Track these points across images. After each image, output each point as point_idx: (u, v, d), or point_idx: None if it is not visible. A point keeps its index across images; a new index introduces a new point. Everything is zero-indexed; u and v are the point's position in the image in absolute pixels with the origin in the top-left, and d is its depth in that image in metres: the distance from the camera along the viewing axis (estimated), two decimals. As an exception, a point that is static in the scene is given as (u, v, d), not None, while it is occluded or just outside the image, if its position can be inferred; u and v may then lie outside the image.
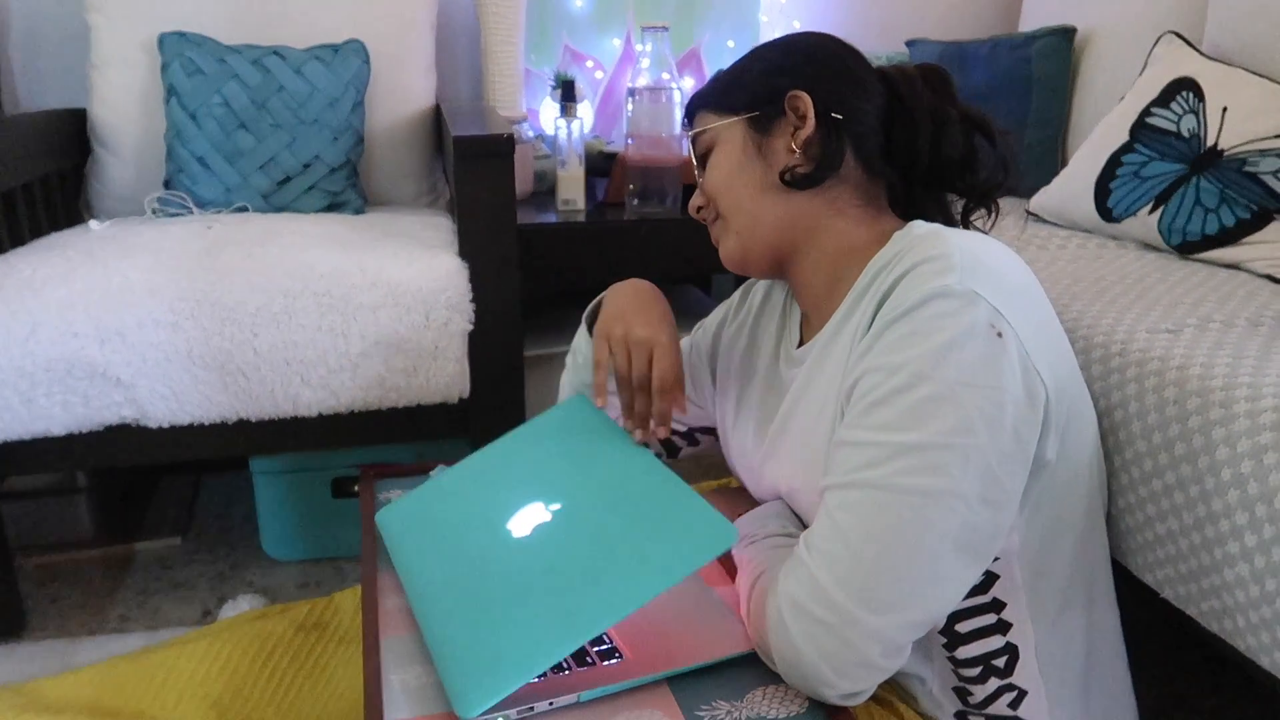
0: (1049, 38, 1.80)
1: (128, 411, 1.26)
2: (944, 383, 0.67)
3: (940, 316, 0.69)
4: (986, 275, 0.70)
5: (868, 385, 0.71)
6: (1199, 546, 0.84)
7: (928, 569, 0.68)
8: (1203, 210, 1.27)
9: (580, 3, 2.07)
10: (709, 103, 0.90)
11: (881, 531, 0.67)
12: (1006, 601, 0.77)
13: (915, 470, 0.67)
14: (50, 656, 1.31)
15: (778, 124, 0.84)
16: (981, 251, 0.73)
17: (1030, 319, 0.72)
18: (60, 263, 1.28)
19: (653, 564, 0.75)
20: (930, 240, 0.74)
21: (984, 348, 0.68)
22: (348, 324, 1.29)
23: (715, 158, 0.88)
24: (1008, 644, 0.79)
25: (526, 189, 1.83)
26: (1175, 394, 0.88)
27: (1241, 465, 0.80)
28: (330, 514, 1.58)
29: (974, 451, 0.67)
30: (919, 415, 0.68)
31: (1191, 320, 1.02)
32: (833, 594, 0.67)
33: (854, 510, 0.69)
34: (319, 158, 1.60)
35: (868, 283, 0.78)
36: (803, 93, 0.83)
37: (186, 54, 1.58)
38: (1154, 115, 1.38)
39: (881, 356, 0.71)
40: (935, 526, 0.67)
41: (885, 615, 0.67)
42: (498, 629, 0.74)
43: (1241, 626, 0.80)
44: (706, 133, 0.89)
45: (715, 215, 0.90)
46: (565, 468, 0.92)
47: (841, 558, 0.68)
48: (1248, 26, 1.42)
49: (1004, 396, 0.68)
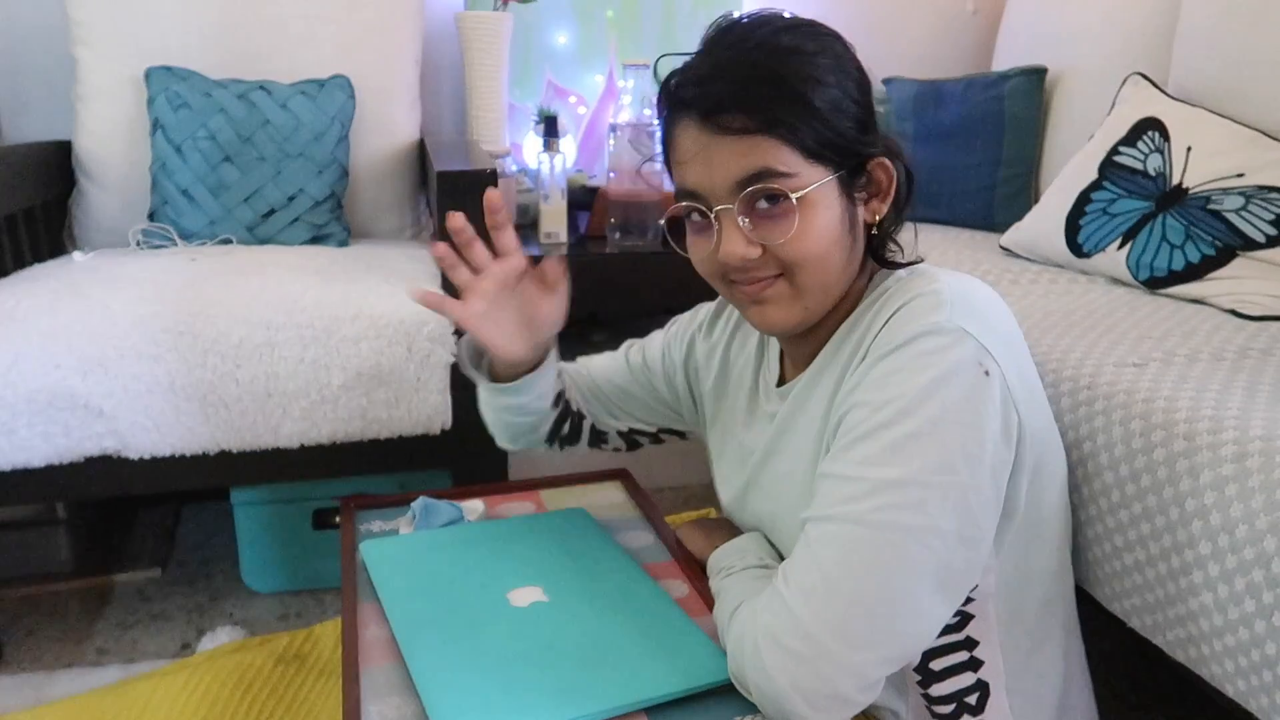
0: (1021, 77, 1.85)
1: (109, 443, 1.26)
2: (927, 420, 0.68)
3: (928, 353, 0.69)
4: (975, 314, 0.71)
5: (854, 420, 0.72)
6: (1165, 576, 0.86)
7: (904, 605, 0.68)
8: (1169, 246, 1.31)
9: (564, 39, 2.11)
10: (790, 133, 0.71)
11: (859, 567, 0.67)
12: (979, 640, 0.79)
13: (895, 507, 0.67)
14: (26, 689, 1.30)
15: (857, 190, 0.76)
16: (971, 292, 0.74)
17: (1013, 361, 0.73)
18: (44, 294, 1.28)
19: (649, 673, 0.77)
20: (920, 280, 0.74)
21: (969, 385, 0.69)
22: (330, 356, 1.30)
23: (809, 220, 0.72)
24: (979, 681, 0.80)
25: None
26: (1141, 426, 0.91)
27: (1205, 496, 0.82)
28: (311, 545, 1.58)
29: (953, 489, 0.68)
30: (901, 451, 0.68)
31: (1157, 354, 1.04)
32: (809, 627, 0.67)
33: (833, 544, 0.69)
34: (303, 191, 1.62)
35: (853, 322, 0.78)
36: (889, 163, 0.76)
37: (173, 88, 1.60)
38: (1121, 154, 1.42)
39: (869, 392, 0.71)
40: (913, 563, 0.67)
41: (860, 650, 0.67)
42: (493, 679, 0.76)
43: (1206, 654, 0.82)
44: (799, 180, 0.71)
45: (775, 277, 0.76)
46: (567, 564, 0.95)
47: (818, 591, 0.68)
48: (1210, 69, 1.46)
49: (984, 435, 0.69)
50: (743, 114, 0.70)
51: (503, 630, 0.83)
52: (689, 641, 0.82)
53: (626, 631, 0.83)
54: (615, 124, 1.66)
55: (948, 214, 1.93)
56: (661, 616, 0.86)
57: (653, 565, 1.00)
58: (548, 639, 0.82)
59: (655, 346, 1.07)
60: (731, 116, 0.71)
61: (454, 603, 0.88)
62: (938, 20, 2.37)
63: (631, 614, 0.86)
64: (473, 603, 0.88)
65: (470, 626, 0.83)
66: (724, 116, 0.71)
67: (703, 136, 0.73)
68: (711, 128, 0.72)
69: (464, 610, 0.86)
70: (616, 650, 0.80)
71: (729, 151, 0.72)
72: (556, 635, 0.82)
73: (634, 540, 1.08)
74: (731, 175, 0.72)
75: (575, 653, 0.80)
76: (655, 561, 1.02)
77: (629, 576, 0.93)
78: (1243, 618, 0.77)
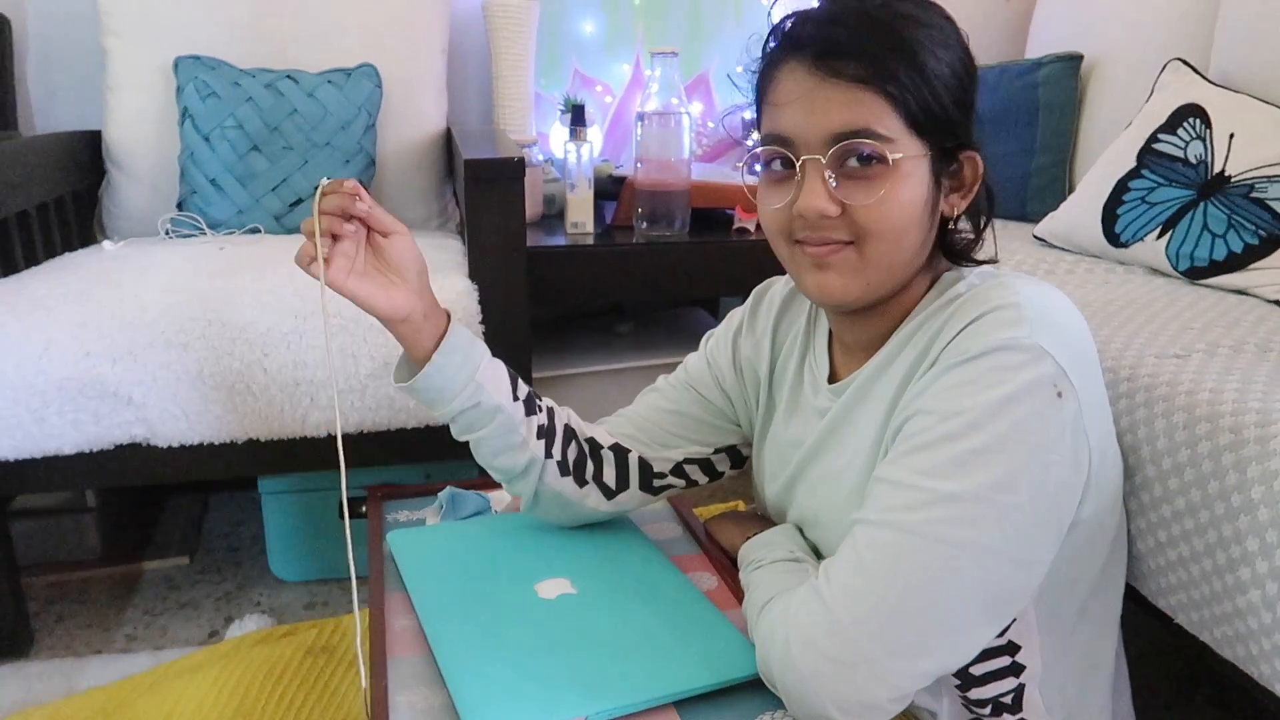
0: (1056, 64, 1.82)
1: (138, 431, 1.27)
2: (995, 436, 0.66)
3: (1003, 369, 0.67)
4: (1056, 332, 0.68)
5: (917, 426, 0.69)
6: (1211, 572, 0.83)
7: (948, 620, 0.66)
8: (1210, 236, 1.28)
9: (590, 28, 2.09)
10: (898, 94, 0.69)
11: (906, 576, 0.66)
12: (1021, 645, 0.77)
13: (950, 521, 0.65)
14: (56, 676, 1.30)
15: (945, 176, 0.75)
16: (1052, 306, 0.71)
17: (1089, 381, 0.70)
18: (74, 282, 1.29)
19: (678, 666, 0.77)
20: (1000, 289, 0.71)
21: (1042, 406, 0.66)
22: (357, 345, 1.29)
23: (895, 189, 0.71)
24: (1019, 685, 0.78)
25: (536, 212, 1.84)
26: (1184, 419, 0.88)
27: (1252, 491, 0.79)
28: (338, 535, 1.58)
29: (1012, 510, 0.66)
30: (964, 466, 0.66)
31: (1200, 345, 1.02)
32: (849, 631, 0.66)
33: (881, 551, 0.67)
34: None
35: (919, 323, 0.76)
36: (979, 158, 0.75)
37: (201, 77, 1.60)
38: (1161, 141, 1.38)
39: (936, 400, 0.69)
40: (962, 579, 0.66)
41: (898, 660, 0.66)
42: (521, 671, 0.75)
43: (1255, 653, 0.79)
44: (897, 147, 0.70)
45: (845, 244, 0.74)
46: (595, 556, 0.95)
47: (862, 595, 0.66)
48: (1254, 54, 1.42)
49: (1051, 458, 0.67)
50: (858, 63, 0.69)
51: (530, 622, 0.82)
52: (718, 635, 0.81)
53: (655, 624, 0.82)
54: (642, 113, 1.64)
55: (980, 204, 1.90)
56: (690, 609, 0.85)
57: (681, 558, 0.99)
58: (575, 631, 0.81)
59: (696, 360, 1.01)
60: (845, 63, 0.69)
61: (481, 594, 0.87)
62: (971, 7, 2.32)
63: (660, 607, 0.85)
64: (500, 594, 0.87)
65: (497, 618, 0.83)
66: (838, 61, 0.69)
67: (810, 80, 0.71)
68: (823, 70, 0.70)
69: (491, 602, 0.86)
70: (645, 643, 0.79)
71: (835, 100, 0.70)
72: (584, 627, 0.82)
73: (662, 532, 1.07)
74: (832, 125, 0.70)
75: (603, 645, 0.79)
76: (684, 554, 1.01)
77: (657, 569, 0.92)
78: (1292, 616, 0.75)
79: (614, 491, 0.95)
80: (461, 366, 0.85)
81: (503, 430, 0.88)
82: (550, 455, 0.91)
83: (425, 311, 0.83)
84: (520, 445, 0.89)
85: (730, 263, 1.68)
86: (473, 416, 0.87)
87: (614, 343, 1.91)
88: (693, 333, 1.92)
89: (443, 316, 0.85)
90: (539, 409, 0.91)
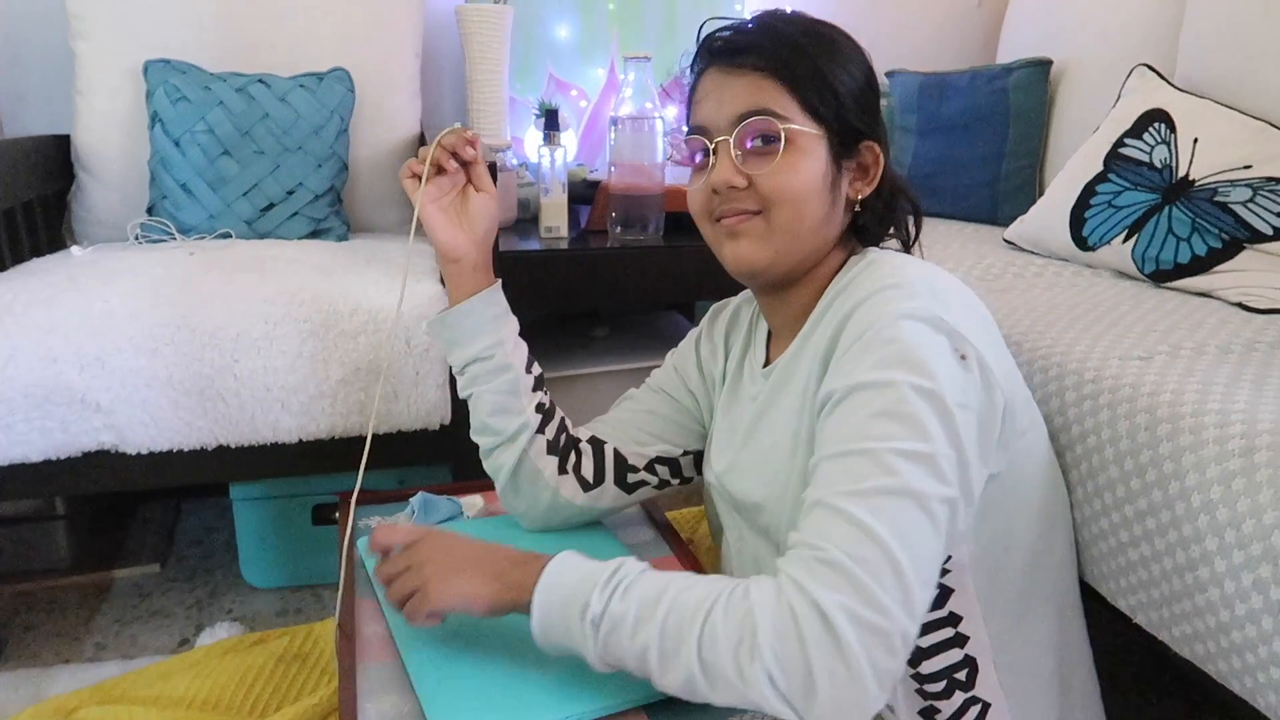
0: (1025, 69, 1.84)
1: (106, 437, 1.25)
2: (930, 395, 0.69)
3: (913, 334, 0.72)
4: (944, 300, 0.75)
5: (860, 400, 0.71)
6: (1171, 571, 0.85)
7: (933, 573, 0.69)
8: (1175, 239, 1.29)
9: (565, 33, 2.09)
10: (792, 81, 0.81)
11: (911, 536, 0.67)
12: (963, 615, 0.80)
13: (929, 477, 0.68)
14: (24, 685, 1.29)
15: (845, 161, 0.84)
16: (934, 279, 0.78)
17: (985, 339, 0.76)
18: (41, 288, 1.28)
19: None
20: (887, 267, 0.78)
21: (954, 367, 0.71)
22: (329, 350, 1.29)
23: (793, 160, 0.80)
24: (966, 656, 0.81)
25: (510, 216, 1.84)
26: (1147, 420, 0.90)
27: (1211, 491, 0.81)
28: (310, 541, 1.57)
29: (955, 464, 0.70)
30: (920, 425, 0.69)
31: (1163, 348, 1.03)
32: (883, 602, 0.64)
33: (885, 517, 0.67)
34: (303, 185, 1.61)
35: (828, 304, 0.82)
36: (879, 149, 0.85)
37: (171, 81, 1.59)
38: (1127, 146, 1.40)
39: (865, 373, 0.72)
40: (939, 531, 0.68)
41: (916, 620, 0.66)
42: (491, 677, 0.75)
43: (1213, 651, 0.81)
44: (792, 124, 0.80)
45: (754, 212, 0.83)
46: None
47: (881, 562, 0.65)
48: (1217, 60, 1.45)
49: (969, 415, 0.72)
50: (758, 56, 0.81)
51: (500, 628, 0.82)
52: None
53: None
54: (616, 117, 1.64)
55: (951, 207, 1.91)
56: None
57: (654, 561, 0.99)
58: None
59: (663, 369, 1.09)
60: (748, 57, 0.81)
61: None
62: (942, 12, 2.36)
63: None
64: None
65: (467, 624, 0.83)
66: (742, 57, 0.81)
67: (720, 76, 0.83)
68: (730, 66, 0.82)
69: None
70: None
71: (738, 88, 0.81)
72: None
73: (633, 536, 1.07)
74: (737, 108, 0.81)
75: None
76: (655, 557, 1.01)
77: None
78: (1250, 614, 0.76)
79: (590, 484, 1.00)
80: (492, 320, 0.96)
81: (506, 389, 0.97)
82: (542, 432, 0.99)
83: (476, 263, 0.96)
84: (518, 410, 0.97)
85: (705, 266, 1.66)
86: (484, 368, 0.96)
87: (590, 346, 1.91)
88: (668, 336, 1.93)
89: (491, 278, 0.98)
90: (544, 391, 1.01)
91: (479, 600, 0.75)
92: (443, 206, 0.95)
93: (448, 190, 0.95)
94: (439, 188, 0.94)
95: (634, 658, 0.69)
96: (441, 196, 0.95)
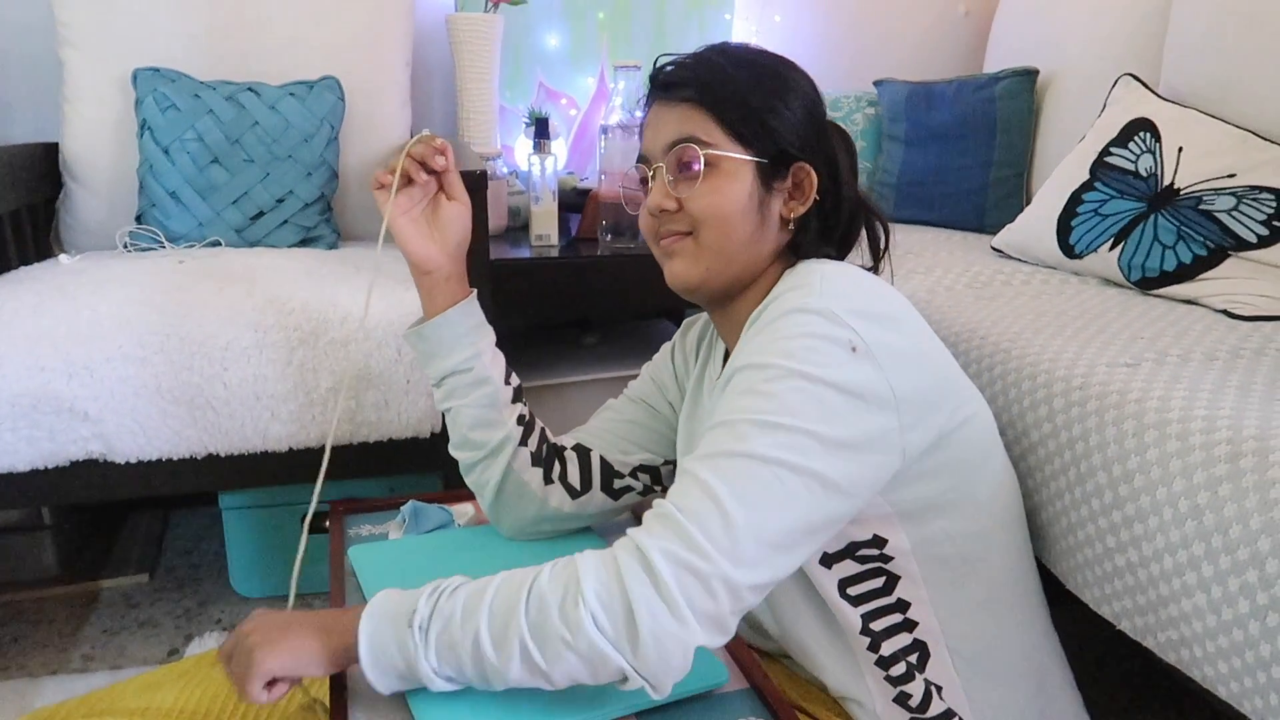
0: (1012, 79, 1.85)
1: (95, 447, 1.25)
2: (803, 376, 0.72)
3: (800, 324, 0.75)
4: (841, 296, 0.77)
5: (738, 381, 0.76)
6: (1158, 577, 0.85)
7: (782, 537, 0.71)
8: (1161, 247, 1.31)
9: (555, 41, 2.10)
10: (718, 110, 0.84)
11: (751, 495, 0.69)
12: (911, 601, 0.83)
13: (782, 446, 0.70)
14: (11, 697, 1.28)
15: (777, 183, 0.86)
16: (841, 278, 0.80)
17: (885, 333, 0.76)
18: (29, 297, 1.27)
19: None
20: (803, 274, 0.82)
21: (838, 353, 0.73)
22: (319, 359, 1.29)
23: (717, 184, 0.84)
24: (916, 640, 0.83)
25: (500, 224, 1.84)
26: (1134, 427, 0.90)
27: (1198, 496, 0.81)
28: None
29: (823, 440, 0.71)
30: (783, 401, 0.72)
31: (1150, 355, 1.04)
32: (704, 546, 0.68)
33: (724, 475, 0.70)
34: (293, 193, 1.61)
35: (758, 314, 0.83)
36: (813, 172, 0.86)
37: (160, 89, 1.59)
38: (1113, 155, 1.42)
39: (749, 357, 0.76)
40: (794, 499, 0.70)
41: (745, 571, 0.69)
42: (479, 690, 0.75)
43: (1199, 656, 0.81)
44: (715, 150, 0.84)
45: (685, 233, 0.86)
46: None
47: (709, 513, 0.69)
48: (1201, 70, 1.46)
49: (858, 403, 0.73)
50: (688, 88, 0.85)
51: None
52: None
53: None
54: (606, 125, 1.65)
55: (939, 215, 1.92)
56: None
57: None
58: None
59: (639, 380, 1.10)
60: (680, 89, 0.85)
61: None
62: (929, 22, 2.37)
63: None
64: None
65: None
66: (675, 90, 0.86)
67: (658, 108, 0.88)
68: (665, 100, 0.87)
69: None
70: None
71: (670, 117, 0.86)
72: None
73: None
74: (668, 136, 0.85)
75: None
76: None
77: None
78: (1236, 619, 0.77)
79: (578, 492, 1.01)
80: (468, 331, 0.96)
81: (485, 402, 0.96)
82: (525, 444, 0.99)
83: (449, 275, 0.95)
84: (499, 422, 0.97)
85: (694, 274, 1.69)
86: (462, 380, 0.96)
87: (580, 354, 1.91)
88: (658, 344, 1.92)
89: (465, 289, 0.97)
90: (523, 402, 1.00)
91: (307, 651, 0.75)
92: (413, 218, 0.93)
93: (419, 200, 0.94)
94: (409, 198, 0.93)
95: (469, 653, 0.69)
96: (412, 207, 0.93)
